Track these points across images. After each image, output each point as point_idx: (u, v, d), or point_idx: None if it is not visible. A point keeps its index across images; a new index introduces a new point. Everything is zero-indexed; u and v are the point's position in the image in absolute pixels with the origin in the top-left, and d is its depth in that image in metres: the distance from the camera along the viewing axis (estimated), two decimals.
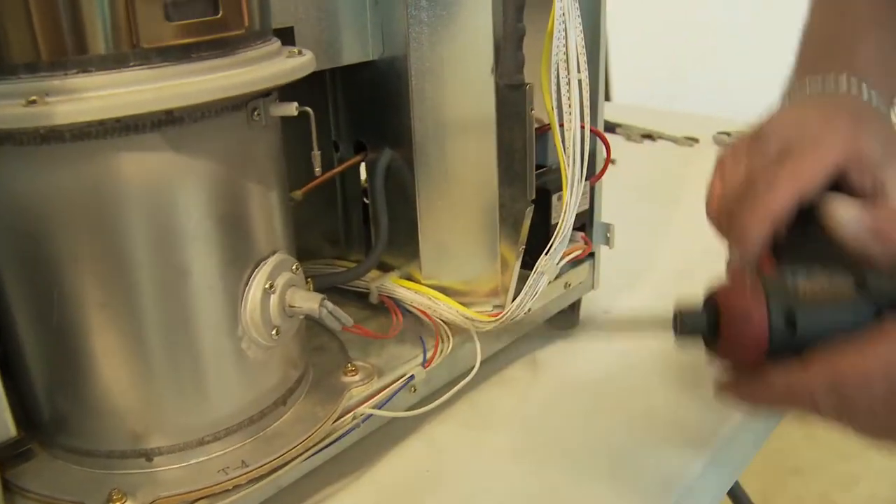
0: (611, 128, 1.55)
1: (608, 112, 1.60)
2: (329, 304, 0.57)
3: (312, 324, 0.67)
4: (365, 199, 0.76)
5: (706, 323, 0.50)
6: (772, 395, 0.47)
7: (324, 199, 0.79)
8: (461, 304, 0.72)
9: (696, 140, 1.49)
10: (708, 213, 0.61)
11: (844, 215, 0.48)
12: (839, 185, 0.56)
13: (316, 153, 0.57)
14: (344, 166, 0.72)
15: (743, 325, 0.46)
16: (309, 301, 0.57)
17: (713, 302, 0.51)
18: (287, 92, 0.55)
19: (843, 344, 0.45)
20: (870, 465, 2.23)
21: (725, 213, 0.58)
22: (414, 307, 0.72)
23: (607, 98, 3.45)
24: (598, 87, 0.77)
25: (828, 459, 2.28)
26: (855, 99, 0.63)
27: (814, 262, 0.50)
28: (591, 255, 0.84)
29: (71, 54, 0.44)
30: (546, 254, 0.70)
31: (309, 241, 0.83)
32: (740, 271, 0.56)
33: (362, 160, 0.72)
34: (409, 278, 0.74)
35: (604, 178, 0.79)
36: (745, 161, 0.60)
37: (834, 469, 2.24)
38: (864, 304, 0.45)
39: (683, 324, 0.50)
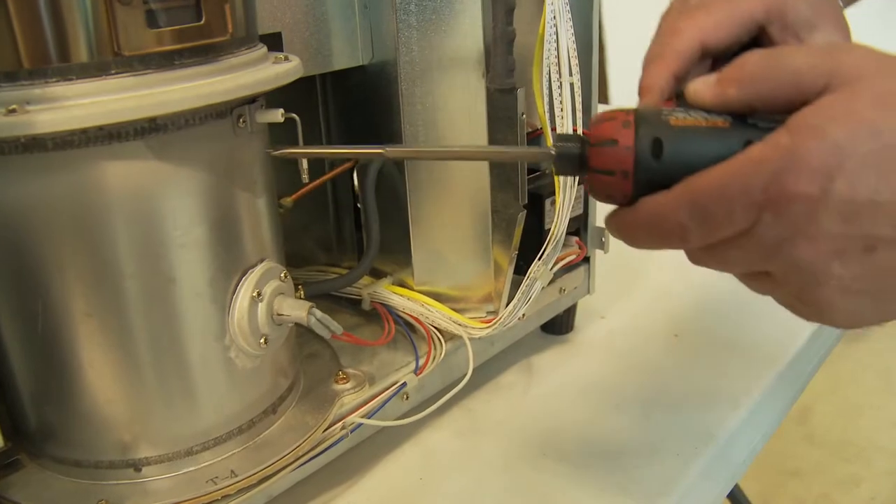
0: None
1: None
2: (317, 312, 0.56)
3: (304, 331, 0.67)
4: (357, 205, 0.76)
5: (578, 151, 0.46)
6: (641, 221, 0.44)
7: (316, 206, 0.78)
8: (454, 310, 0.72)
9: None
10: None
11: (697, 84, 0.45)
12: (761, 43, 0.54)
13: (303, 160, 0.56)
14: (334, 172, 0.71)
15: (608, 151, 0.44)
16: (297, 309, 0.56)
17: (592, 129, 0.48)
18: (277, 97, 0.55)
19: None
20: (871, 467, 2.23)
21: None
22: (406, 314, 0.72)
23: (605, 100, 3.45)
24: (592, 90, 0.76)
25: (828, 461, 2.27)
26: None
27: None
28: (587, 259, 0.83)
29: (52, 62, 0.43)
30: (539, 259, 0.69)
31: (302, 248, 0.82)
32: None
33: (353, 166, 0.72)
34: (402, 284, 0.74)
35: None
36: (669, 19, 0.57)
37: (834, 470, 2.23)
38: (734, 135, 0.43)
39: (558, 148, 0.47)
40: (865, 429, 2.38)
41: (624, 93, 3.30)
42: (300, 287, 0.64)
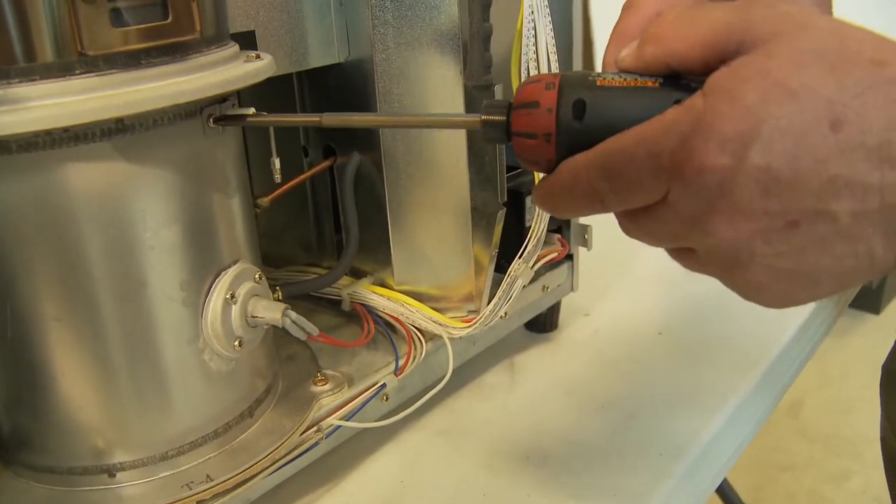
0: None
1: None
2: (292, 314, 0.56)
3: (283, 332, 0.66)
4: (337, 205, 0.75)
5: (504, 117, 0.44)
6: (559, 184, 0.42)
7: (295, 205, 0.77)
8: (435, 309, 0.71)
9: None
10: None
11: (625, 49, 0.42)
12: None
13: (275, 160, 0.56)
14: (312, 172, 0.71)
15: (530, 113, 0.42)
16: (271, 311, 0.55)
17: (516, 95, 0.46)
18: (254, 96, 0.54)
19: None
20: (861, 460, 2.23)
21: None
22: (386, 314, 0.71)
23: None
24: None
25: (819, 455, 2.27)
26: None
27: None
28: (570, 256, 0.82)
29: (14, 63, 0.42)
30: (520, 257, 0.69)
31: (282, 248, 0.82)
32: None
33: (331, 165, 0.71)
34: (383, 284, 0.73)
35: None
36: None
37: (825, 464, 2.24)
38: (661, 96, 0.40)
39: (485, 113, 0.45)
40: (856, 423, 2.38)
41: None
42: (278, 288, 0.64)
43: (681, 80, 0.41)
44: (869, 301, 2.92)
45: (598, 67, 0.49)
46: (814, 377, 2.53)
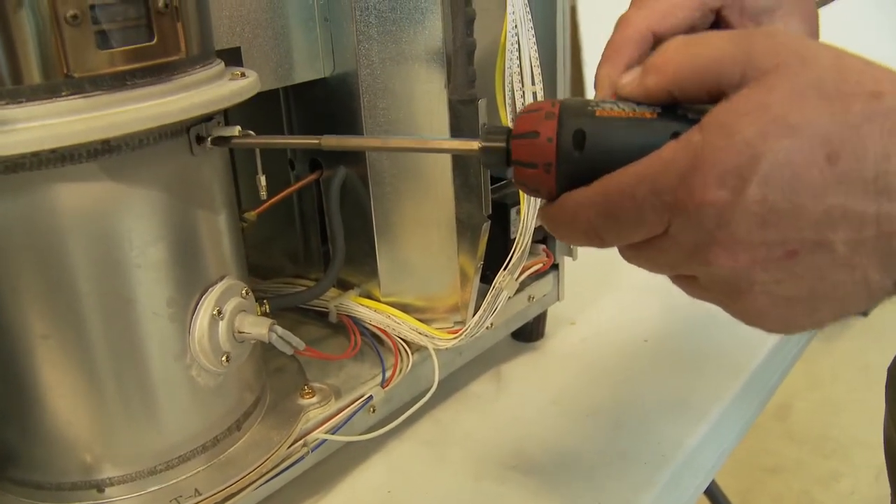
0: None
1: None
2: (279, 329, 0.56)
3: (271, 346, 0.67)
4: (323, 218, 0.75)
5: (504, 144, 0.45)
6: (561, 218, 0.43)
7: (282, 218, 0.78)
8: (422, 320, 0.71)
9: None
10: None
11: (626, 76, 0.43)
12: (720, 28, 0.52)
13: (260, 177, 0.56)
14: (298, 185, 0.71)
15: (530, 143, 0.42)
16: (258, 326, 0.56)
17: (515, 123, 0.46)
18: (241, 110, 0.54)
19: None
20: (850, 462, 2.24)
21: None
22: (373, 326, 0.71)
23: None
24: (557, 97, 0.76)
25: (808, 457, 2.28)
26: None
27: None
28: (555, 266, 0.83)
29: (1, 85, 0.43)
30: (504, 269, 0.69)
31: (270, 260, 0.82)
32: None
33: (317, 178, 0.72)
34: (369, 296, 0.74)
35: None
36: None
37: (814, 467, 2.24)
38: (660, 127, 0.41)
39: (484, 140, 0.45)
40: (845, 425, 2.39)
41: None
42: (265, 301, 0.64)
43: (678, 109, 0.41)
44: None
45: (588, 78, 0.50)
46: (802, 380, 2.54)
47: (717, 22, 0.52)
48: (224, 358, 0.55)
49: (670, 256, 0.40)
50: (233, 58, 0.60)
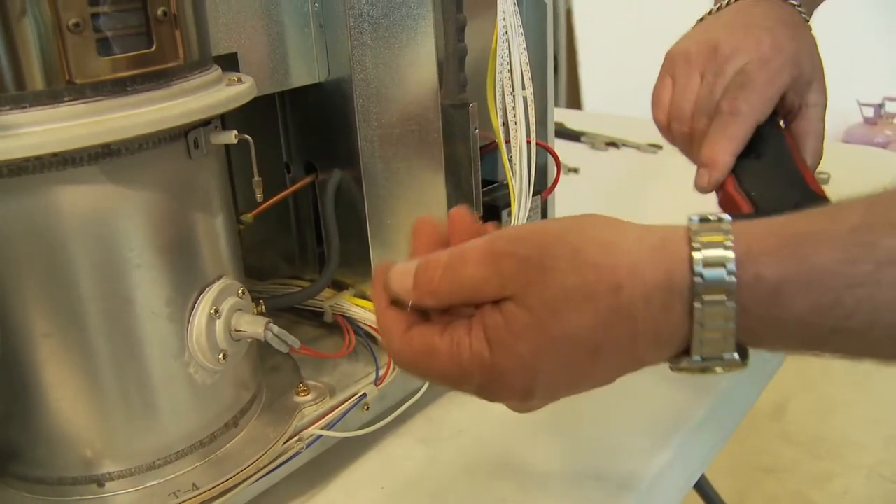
0: (575, 137, 1.56)
1: (576, 121, 1.62)
2: (274, 328, 0.58)
3: (267, 345, 0.68)
4: (319, 219, 0.77)
5: None
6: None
7: (278, 220, 0.79)
8: None
9: (659, 147, 1.50)
10: (657, 116, 0.70)
11: (394, 281, 0.49)
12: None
13: (257, 180, 0.57)
14: (294, 188, 0.73)
15: None
16: (254, 325, 0.57)
17: None
18: (238, 116, 0.56)
19: None
20: (843, 462, 2.26)
21: (680, 121, 0.68)
22: (367, 325, 0.73)
23: (577, 105, 3.47)
24: (547, 102, 0.78)
25: (802, 457, 2.30)
26: (788, 7, 0.71)
27: (767, 186, 0.63)
28: None
29: (5, 91, 0.45)
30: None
31: (267, 261, 0.83)
32: (706, 190, 0.66)
33: (312, 181, 0.73)
34: (364, 297, 0.75)
35: (566, 188, 0.80)
36: (699, 71, 0.68)
37: (808, 467, 2.26)
38: None
39: None
40: (839, 425, 2.41)
41: (597, 98, 3.33)
42: (261, 301, 0.66)
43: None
44: None
45: (585, 79, 0.57)
46: (796, 380, 2.55)
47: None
48: (221, 356, 0.57)
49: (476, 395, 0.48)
50: (230, 63, 0.61)
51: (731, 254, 0.40)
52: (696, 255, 0.41)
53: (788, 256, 0.40)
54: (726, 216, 0.42)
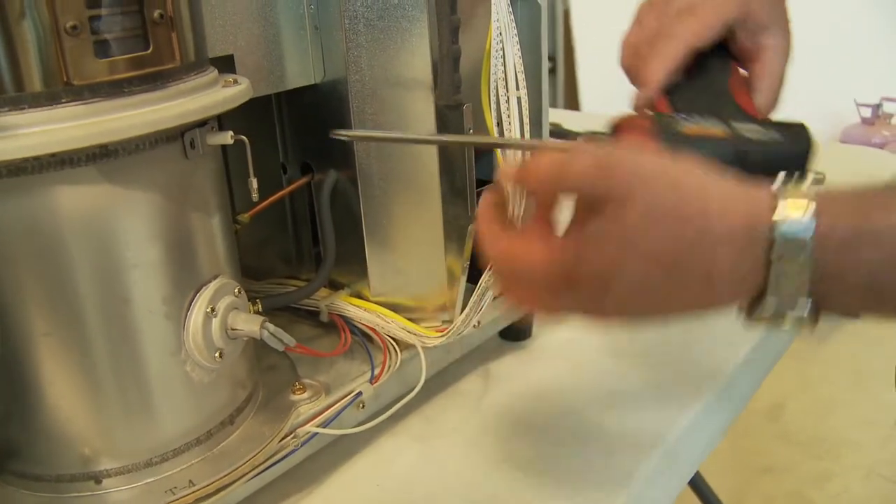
0: (571, 137, 1.57)
1: (574, 122, 1.63)
2: (270, 326, 0.58)
3: (263, 343, 0.69)
4: (315, 219, 0.77)
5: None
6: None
7: (275, 220, 0.80)
8: (411, 319, 0.74)
9: None
10: (622, 62, 0.73)
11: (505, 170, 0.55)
12: (728, 42, 0.68)
13: (252, 180, 0.58)
14: (290, 188, 0.73)
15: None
16: (250, 323, 0.58)
17: (616, 131, 0.61)
18: (234, 117, 0.57)
19: None
20: (841, 462, 2.26)
21: (634, 59, 0.70)
22: (363, 324, 0.74)
23: (575, 106, 3.47)
24: (542, 102, 0.78)
25: (800, 458, 2.30)
26: None
27: (697, 107, 0.65)
28: None
29: (4, 92, 0.45)
30: (490, 269, 0.71)
31: (263, 260, 0.84)
32: (640, 108, 0.69)
33: (308, 181, 0.74)
34: (359, 296, 0.76)
35: None
36: (655, 16, 0.71)
37: (805, 467, 2.27)
38: (728, 145, 0.56)
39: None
40: (836, 425, 2.42)
41: (595, 99, 3.33)
42: (258, 300, 0.66)
43: (731, 128, 0.59)
44: None
45: (583, 80, 0.61)
46: (794, 380, 2.56)
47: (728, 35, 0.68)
48: (217, 354, 0.57)
49: (554, 308, 0.53)
50: (226, 65, 0.62)
51: (811, 204, 0.45)
52: (780, 202, 0.46)
53: (862, 214, 0.45)
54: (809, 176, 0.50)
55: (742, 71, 0.71)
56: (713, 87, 0.69)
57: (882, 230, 0.45)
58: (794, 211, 0.46)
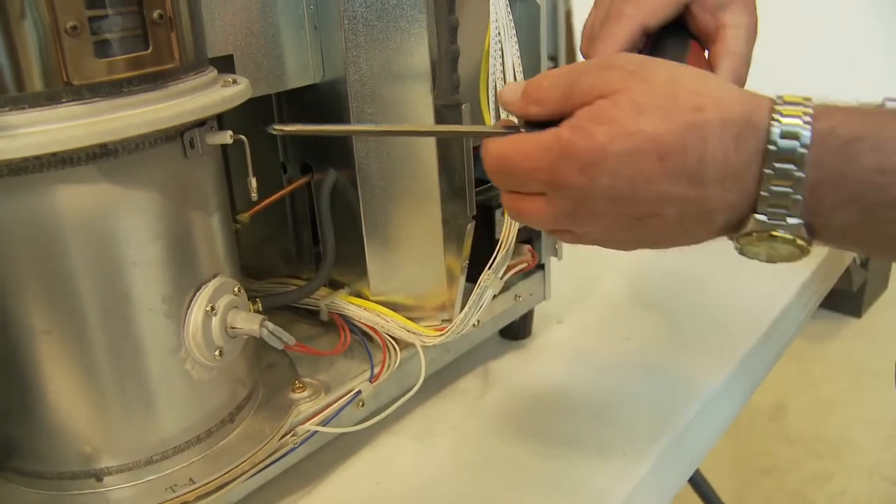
0: None
1: None
2: (269, 325, 0.59)
3: (263, 342, 0.69)
4: (315, 219, 0.78)
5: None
6: (485, 157, 0.53)
7: (276, 219, 0.80)
8: (410, 318, 0.74)
9: None
10: (580, 47, 0.70)
11: (506, 94, 0.53)
12: (687, 21, 0.66)
13: (251, 179, 0.58)
14: (290, 188, 0.74)
15: None
16: (250, 322, 0.58)
17: None
18: (236, 114, 0.57)
19: None
20: (842, 462, 2.27)
21: (589, 43, 0.67)
22: (363, 323, 0.74)
23: None
24: None
25: (800, 458, 2.30)
26: None
27: None
28: (542, 266, 0.86)
29: (5, 92, 0.46)
30: (489, 268, 0.72)
31: (264, 260, 0.84)
32: None
33: (308, 181, 0.74)
34: (359, 295, 0.76)
35: None
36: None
37: (806, 467, 2.27)
38: None
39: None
40: (838, 426, 2.42)
41: None
42: (258, 299, 0.67)
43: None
44: (851, 305, 2.96)
45: None
46: (796, 380, 2.56)
47: (683, 13, 0.65)
48: (217, 352, 0.58)
49: (549, 216, 0.51)
50: (226, 65, 0.62)
51: (809, 108, 0.45)
52: (778, 104, 0.45)
53: (862, 120, 0.44)
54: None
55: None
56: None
57: (884, 136, 0.43)
58: (794, 109, 0.45)
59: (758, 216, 0.46)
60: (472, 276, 0.74)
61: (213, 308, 0.57)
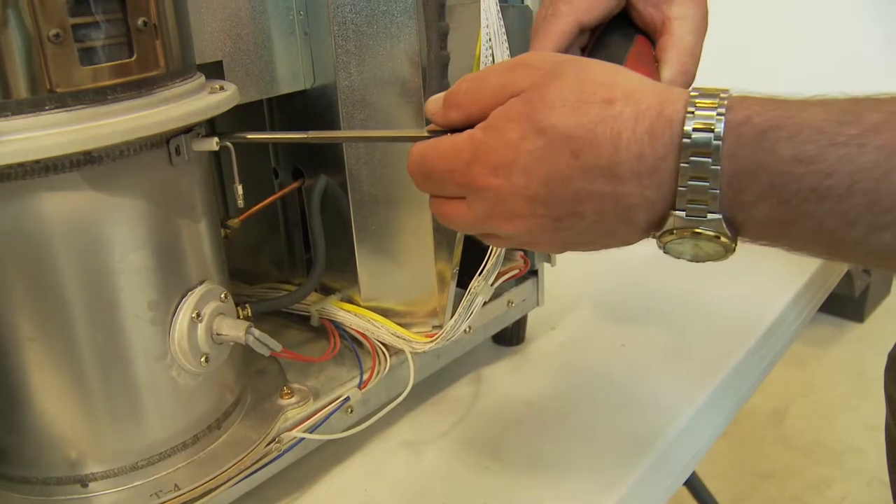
0: None
1: None
2: (255, 331, 0.59)
3: (252, 348, 0.69)
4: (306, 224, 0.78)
5: None
6: (410, 161, 0.53)
7: (268, 224, 0.80)
8: (401, 324, 0.74)
9: None
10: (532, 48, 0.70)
11: (429, 105, 0.54)
12: (632, 15, 0.65)
13: (237, 186, 0.58)
14: (280, 194, 0.74)
15: None
16: (236, 329, 0.58)
17: None
18: (227, 120, 0.57)
19: None
20: (842, 468, 2.26)
21: (532, 42, 0.67)
22: (353, 329, 0.74)
23: None
24: None
25: (801, 463, 2.30)
26: None
27: None
28: (535, 272, 0.85)
29: None
30: (479, 275, 0.72)
31: (256, 265, 0.84)
32: None
33: (299, 186, 0.74)
34: (350, 301, 0.76)
35: None
36: None
37: (806, 473, 2.26)
38: None
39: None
40: (839, 431, 2.41)
41: None
42: (247, 305, 0.67)
43: None
44: (852, 310, 2.95)
45: None
46: (796, 385, 2.56)
47: (627, 7, 0.65)
48: (203, 359, 0.58)
49: (469, 219, 0.51)
50: (216, 71, 0.62)
51: (724, 100, 0.44)
52: (693, 95, 0.44)
53: (778, 108, 0.43)
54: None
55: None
56: (609, 61, 0.65)
57: (800, 124, 0.42)
58: (709, 101, 0.44)
59: (677, 212, 0.45)
60: (463, 283, 0.74)
61: (198, 315, 0.57)
